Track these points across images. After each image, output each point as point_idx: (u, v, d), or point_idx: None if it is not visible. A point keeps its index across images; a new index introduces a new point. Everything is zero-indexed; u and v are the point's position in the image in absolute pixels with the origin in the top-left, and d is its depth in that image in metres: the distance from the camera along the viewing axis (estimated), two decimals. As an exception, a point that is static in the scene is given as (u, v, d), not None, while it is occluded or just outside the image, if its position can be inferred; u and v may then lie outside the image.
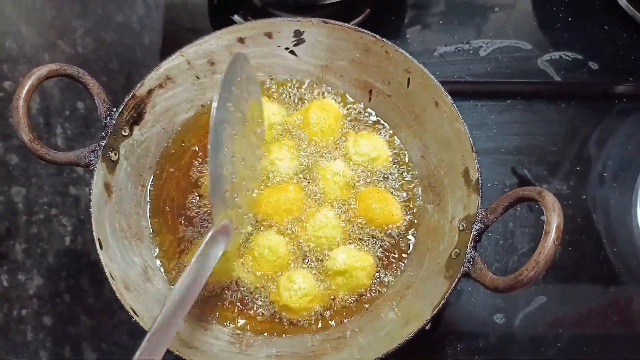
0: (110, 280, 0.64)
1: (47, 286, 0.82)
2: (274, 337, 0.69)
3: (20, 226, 0.85)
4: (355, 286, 0.70)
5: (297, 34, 0.78)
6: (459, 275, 0.62)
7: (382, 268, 0.72)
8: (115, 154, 0.71)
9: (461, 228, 0.67)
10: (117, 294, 0.63)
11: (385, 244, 0.73)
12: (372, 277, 0.71)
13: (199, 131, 0.79)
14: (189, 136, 0.79)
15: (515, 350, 0.77)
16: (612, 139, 0.89)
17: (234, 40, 0.77)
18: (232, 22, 0.82)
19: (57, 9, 1.01)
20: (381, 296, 0.71)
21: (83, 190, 0.87)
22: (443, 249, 0.69)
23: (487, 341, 0.77)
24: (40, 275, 0.82)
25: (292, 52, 0.80)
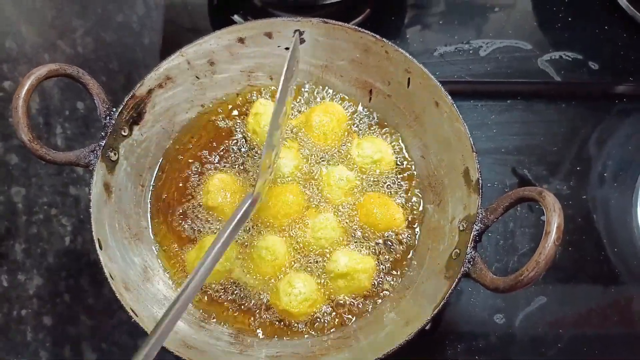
0: (110, 280, 0.64)
1: (47, 286, 0.81)
2: (274, 338, 0.69)
3: (20, 226, 0.85)
4: (357, 288, 0.70)
5: (297, 34, 0.78)
6: (459, 275, 0.62)
7: (382, 270, 0.72)
8: (114, 154, 0.71)
9: (461, 228, 0.67)
10: (117, 294, 0.63)
11: (386, 245, 0.73)
12: (373, 279, 0.71)
13: (198, 131, 0.79)
14: (188, 136, 0.79)
15: (515, 350, 0.76)
16: (612, 139, 0.88)
17: (234, 40, 0.77)
18: (232, 22, 0.82)
19: (57, 9, 1.00)
20: (381, 297, 0.71)
21: (83, 190, 0.87)
22: (443, 249, 0.68)
23: (488, 341, 0.77)
24: (40, 275, 0.82)
25: (292, 52, 0.80)
